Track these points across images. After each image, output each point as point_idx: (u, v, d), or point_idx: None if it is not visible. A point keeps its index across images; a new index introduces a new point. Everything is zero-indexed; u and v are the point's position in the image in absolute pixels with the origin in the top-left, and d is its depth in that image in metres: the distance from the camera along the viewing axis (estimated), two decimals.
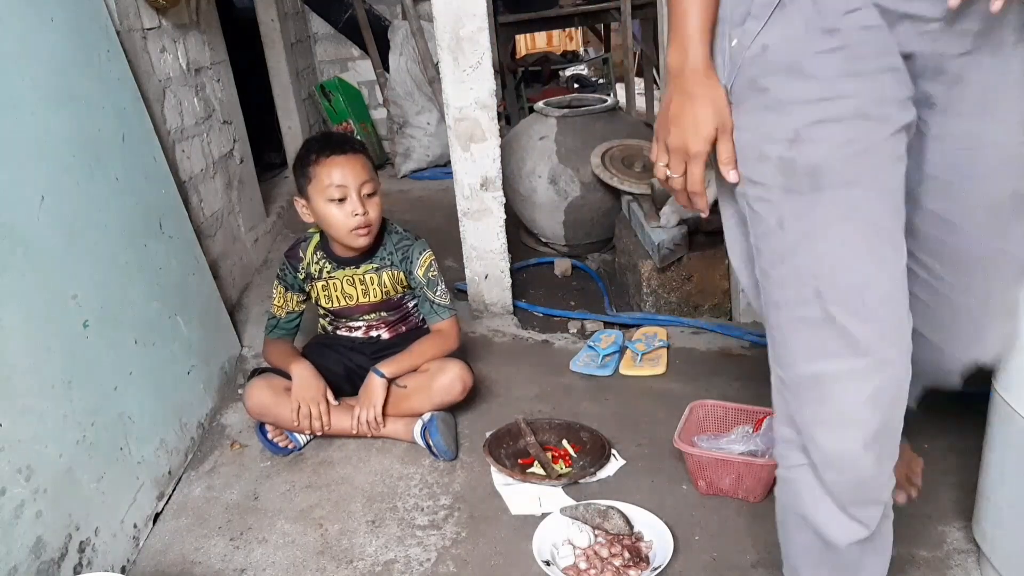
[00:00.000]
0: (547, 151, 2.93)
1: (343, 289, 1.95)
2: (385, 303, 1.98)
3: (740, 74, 0.94)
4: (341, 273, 1.94)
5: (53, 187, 1.57)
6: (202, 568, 1.55)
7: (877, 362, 0.92)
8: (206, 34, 2.76)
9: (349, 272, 1.94)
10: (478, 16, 2.16)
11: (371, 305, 1.97)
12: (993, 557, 1.28)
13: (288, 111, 4.38)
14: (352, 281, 1.94)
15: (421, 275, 1.94)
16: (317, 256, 1.95)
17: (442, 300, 1.96)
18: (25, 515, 1.30)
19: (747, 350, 2.20)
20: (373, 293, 1.95)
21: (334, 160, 1.81)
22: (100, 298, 1.65)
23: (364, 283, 1.94)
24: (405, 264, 1.94)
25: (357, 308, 1.98)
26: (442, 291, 1.97)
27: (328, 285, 1.95)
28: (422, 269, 1.94)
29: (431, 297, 1.95)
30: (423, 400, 1.89)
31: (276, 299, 2.02)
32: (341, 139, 1.89)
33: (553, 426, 1.87)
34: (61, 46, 1.72)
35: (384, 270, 1.93)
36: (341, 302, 1.96)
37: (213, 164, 2.67)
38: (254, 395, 1.87)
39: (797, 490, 1.02)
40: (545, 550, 1.47)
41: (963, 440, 1.68)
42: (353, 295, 1.95)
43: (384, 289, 1.95)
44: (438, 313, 1.96)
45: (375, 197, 1.85)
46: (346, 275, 1.94)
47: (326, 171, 1.80)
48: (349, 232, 1.83)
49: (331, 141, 1.86)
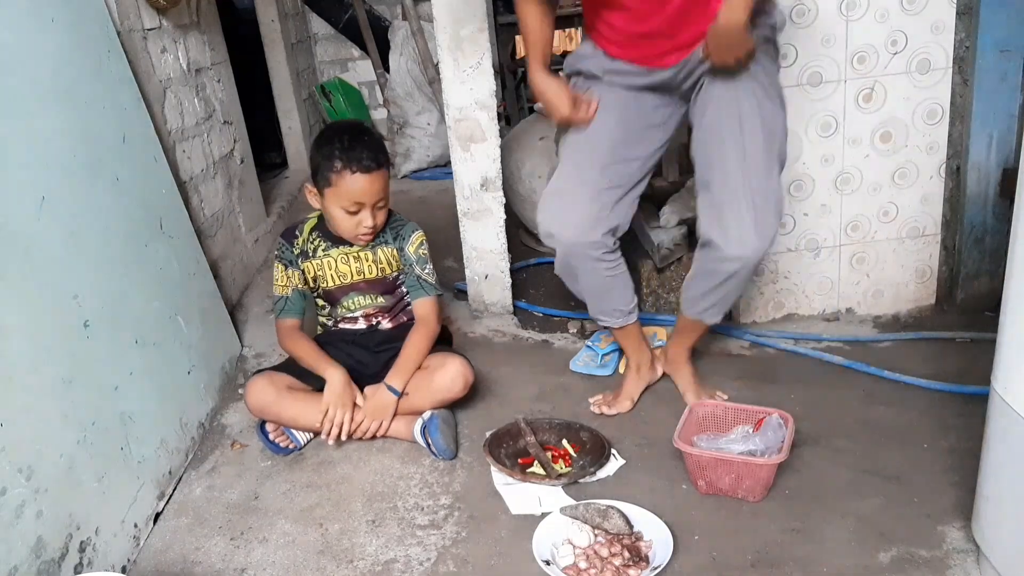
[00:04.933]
0: (547, 151, 2.93)
1: (337, 267, 1.97)
2: (380, 283, 1.99)
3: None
4: (336, 251, 1.97)
5: (53, 187, 1.57)
6: (202, 568, 1.55)
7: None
8: (206, 34, 2.76)
9: (344, 250, 1.96)
10: (478, 16, 2.17)
11: (366, 283, 1.98)
12: (993, 557, 1.28)
13: (288, 111, 4.38)
14: (347, 259, 1.96)
15: (412, 252, 1.97)
16: (313, 235, 1.99)
17: (429, 278, 2.00)
18: (26, 515, 1.30)
19: (747, 350, 2.21)
20: (368, 270, 1.97)
21: (359, 178, 1.82)
22: (100, 298, 1.65)
23: (359, 260, 1.96)
24: (398, 241, 1.98)
25: (352, 287, 1.98)
26: (431, 270, 2.01)
27: (323, 264, 1.97)
28: (413, 246, 1.97)
29: (419, 272, 1.98)
30: (424, 398, 1.89)
31: (279, 279, 2.02)
32: (367, 150, 1.84)
33: (553, 426, 1.87)
34: (61, 46, 1.72)
35: (379, 247, 1.97)
36: (336, 281, 1.97)
37: (213, 164, 2.67)
38: (255, 392, 1.87)
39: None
40: (545, 550, 1.47)
41: (963, 440, 1.68)
42: (347, 273, 1.97)
43: (380, 266, 1.97)
44: (423, 288, 1.98)
45: (386, 207, 1.92)
46: (340, 253, 1.97)
47: (347, 186, 1.83)
48: (354, 236, 1.91)
49: (358, 151, 1.82)
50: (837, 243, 2.24)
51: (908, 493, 1.57)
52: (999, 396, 1.21)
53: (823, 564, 1.40)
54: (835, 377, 2.02)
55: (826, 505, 1.55)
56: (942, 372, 1.96)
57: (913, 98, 2.11)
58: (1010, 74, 2.06)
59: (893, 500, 1.55)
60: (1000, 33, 2.02)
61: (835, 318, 2.32)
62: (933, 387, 1.91)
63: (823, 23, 2.03)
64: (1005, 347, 1.20)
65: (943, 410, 1.83)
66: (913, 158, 2.17)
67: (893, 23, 2.04)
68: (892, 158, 2.17)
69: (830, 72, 2.08)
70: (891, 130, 2.14)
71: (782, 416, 1.65)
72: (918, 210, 2.23)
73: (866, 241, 2.25)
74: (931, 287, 2.32)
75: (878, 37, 2.05)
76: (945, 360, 2.03)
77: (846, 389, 1.95)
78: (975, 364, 1.96)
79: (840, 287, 2.30)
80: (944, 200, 2.22)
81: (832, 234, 2.23)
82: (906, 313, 2.32)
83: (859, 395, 1.93)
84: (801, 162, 2.16)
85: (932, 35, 2.05)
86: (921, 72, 2.09)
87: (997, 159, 2.14)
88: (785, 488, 1.61)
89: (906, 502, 1.54)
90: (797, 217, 2.21)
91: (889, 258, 2.27)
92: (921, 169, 2.18)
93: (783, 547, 1.45)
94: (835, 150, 2.15)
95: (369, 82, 4.91)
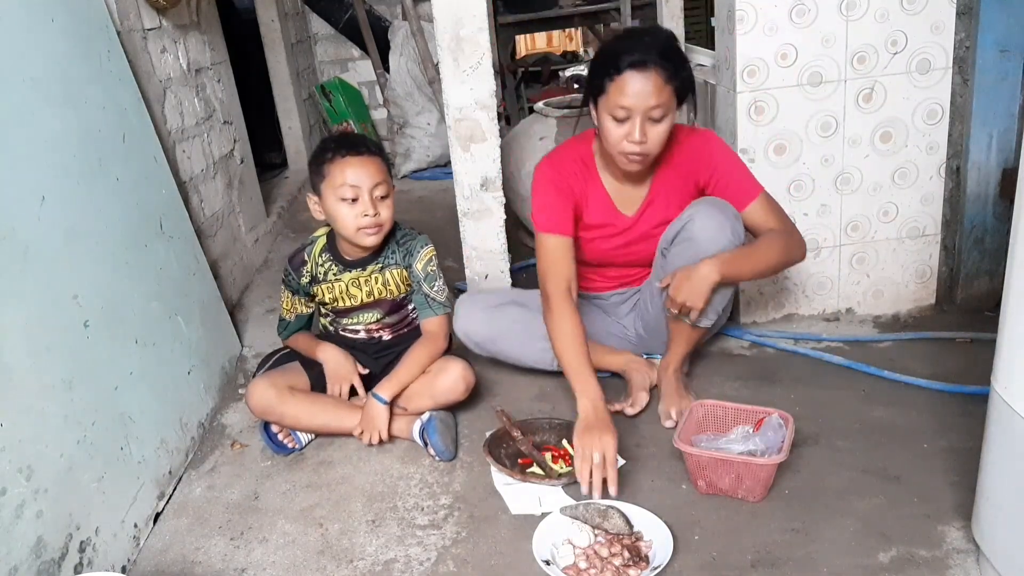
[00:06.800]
0: (547, 151, 2.93)
1: (348, 291, 1.95)
2: (389, 303, 1.98)
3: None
4: (348, 276, 1.94)
5: (54, 187, 1.57)
6: (202, 568, 1.55)
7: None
8: (206, 34, 2.76)
9: (355, 274, 1.94)
10: (478, 16, 2.16)
11: (375, 302, 1.97)
12: (993, 557, 1.28)
13: (288, 111, 4.39)
14: (357, 283, 1.94)
15: (420, 268, 1.94)
16: (323, 258, 1.95)
17: (438, 296, 1.96)
18: (26, 515, 1.30)
19: (747, 350, 2.21)
20: (378, 292, 1.95)
21: (349, 160, 1.81)
22: (101, 298, 1.65)
23: (369, 284, 1.95)
24: (407, 259, 1.94)
25: (361, 307, 1.98)
26: (439, 287, 1.97)
27: (333, 287, 1.95)
28: (421, 263, 1.94)
29: (427, 291, 1.95)
30: (426, 400, 1.89)
31: (284, 303, 2.04)
32: (358, 140, 1.89)
33: (553, 426, 1.87)
34: (61, 46, 1.72)
35: (388, 269, 1.94)
36: (345, 302, 1.96)
37: (213, 164, 2.67)
38: (256, 394, 1.87)
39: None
40: (545, 550, 1.47)
41: (963, 440, 1.68)
42: (357, 296, 1.96)
43: (388, 288, 1.95)
44: (431, 307, 1.96)
45: (388, 200, 1.86)
46: (352, 277, 1.94)
47: (340, 170, 1.81)
48: (357, 231, 1.83)
49: (348, 141, 1.86)
50: (837, 243, 2.24)
51: (908, 493, 1.57)
52: (999, 396, 1.21)
53: (823, 564, 1.40)
54: (835, 377, 2.02)
55: (826, 505, 1.55)
56: (942, 372, 1.96)
57: (913, 98, 2.11)
58: (1010, 74, 2.06)
59: (893, 500, 1.55)
60: (1000, 33, 2.02)
61: (835, 318, 2.32)
62: (933, 387, 1.91)
63: (823, 23, 2.03)
64: (1005, 347, 1.20)
65: (943, 410, 1.83)
66: (913, 158, 2.17)
67: (893, 23, 2.04)
68: (892, 158, 2.17)
69: (830, 72, 2.08)
70: (891, 130, 2.14)
71: (782, 416, 1.65)
72: (918, 210, 2.23)
73: (866, 241, 2.25)
74: (931, 287, 2.32)
75: (878, 37, 2.05)
76: (945, 360, 2.03)
77: (846, 389, 1.95)
78: (975, 364, 1.96)
79: (840, 287, 2.30)
80: (944, 200, 2.22)
81: (832, 234, 2.23)
82: (906, 313, 2.32)
83: (859, 395, 1.93)
84: (801, 162, 2.16)
85: (932, 35, 2.05)
86: (921, 72, 2.09)
87: (997, 159, 2.14)
88: (785, 488, 1.61)
89: (906, 502, 1.54)
90: (797, 217, 2.21)
91: (889, 258, 2.27)
92: (921, 169, 2.18)
93: (783, 547, 1.45)
94: (835, 150, 2.15)
95: (369, 82, 4.91)
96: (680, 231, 1.79)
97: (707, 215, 1.75)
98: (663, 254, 1.87)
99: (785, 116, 2.11)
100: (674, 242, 1.82)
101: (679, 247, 1.80)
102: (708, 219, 1.75)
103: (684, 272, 1.74)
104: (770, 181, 1.98)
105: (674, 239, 1.82)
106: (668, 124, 1.71)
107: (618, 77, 1.66)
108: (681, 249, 1.79)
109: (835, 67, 2.07)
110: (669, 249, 1.84)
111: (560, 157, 1.94)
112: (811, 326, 2.30)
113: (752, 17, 2.02)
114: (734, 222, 1.76)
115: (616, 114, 1.68)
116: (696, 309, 1.75)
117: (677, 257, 1.80)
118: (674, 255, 1.81)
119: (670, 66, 1.65)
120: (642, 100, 1.65)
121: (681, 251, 1.79)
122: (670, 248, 1.83)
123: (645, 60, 1.64)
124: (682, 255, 1.78)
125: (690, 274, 1.73)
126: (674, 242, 1.82)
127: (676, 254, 1.81)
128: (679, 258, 1.79)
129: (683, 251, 1.78)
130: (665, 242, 1.86)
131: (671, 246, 1.83)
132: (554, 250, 1.84)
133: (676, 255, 1.81)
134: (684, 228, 1.78)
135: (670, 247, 1.84)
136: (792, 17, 2.02)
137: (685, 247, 1.78)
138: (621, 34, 1.83)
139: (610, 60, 1.68)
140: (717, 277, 1.72)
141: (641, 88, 1.65)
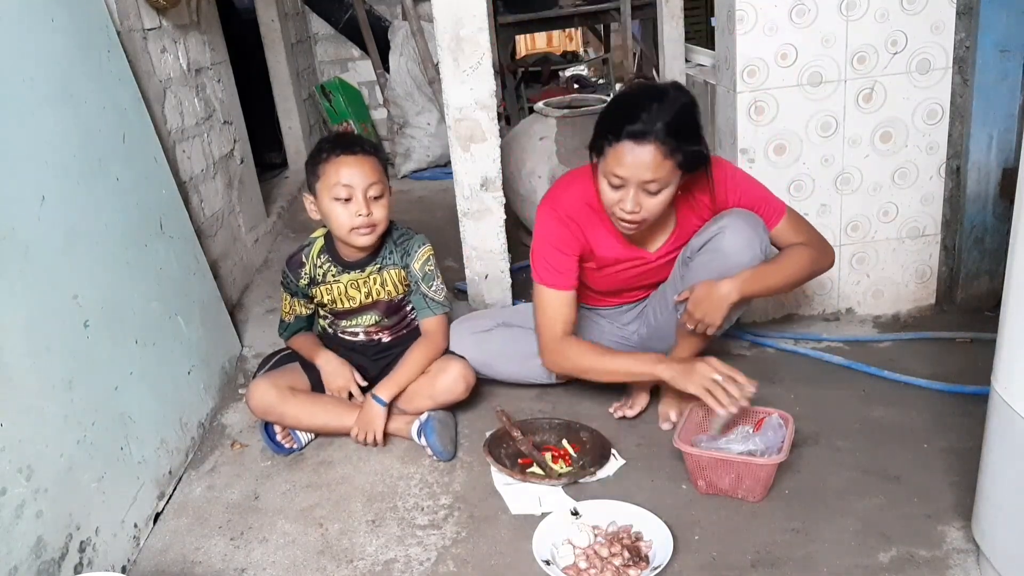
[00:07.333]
0: (547, 151, 2.93)
1: (347, 292, 1.95)
2: (387, 304, 1.98)
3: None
4: (346, 277, 1.94)
5: (53, 187, 1.57)
6: (202, 568, 1.55)
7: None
8: (206, 34, 2.76)
9: (354, 276, 1.93)
10: (478, 16, 2.16)
11: (373, 304, 1.97)
12: (993, 557, 1.28)
13: (288, 111, 4.38)
14: (356, 285, 1.94)
15: (417, 268, 1.94)
16: (321, 260, 1.95)
17: (436, 296, 1.96)
18: (26, 515, 1.30)
19: (747, 350, 2.21)
20: (376, 293, 1.95)
21: (343, 160, 1.81)
22: (101, 298, 1.65)
23: (368, 285, 1.94)
24: (405, 259, 1.94)
25: (359, 310, 1.98)
26: (437, 287, 1.97)
27: (332, 289, 1.95)
28: (419, 262, 1.94)
29: (425, 291, 1.95)
30: (426, 400, 1.90)
31: (284, 305, 2.04)
32: (354, 140, 1.88)
33: (553, 426, 1.87)
34: (61, 46, 1.72)
35: (386, 269, 1.93)
36: (344, 304, 1.96)
37: (213, 164, 2.67)
38: (257, 395, 1.87)
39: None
40: (545, 550, 1.47)
41: (963, 440, 1.68)
42: (356, 297, 1.95)
43: (386, 289, 1.95)
44: (430, 307, 1.96)
45: (382, 200, 1.85)
46: (351, 279, 1.94)
47: (334, 169, 1.81)
48: (350, 231, 1.82)
49: (343, 141, 1.86)
50: (837, 243, 2.24)
51: (908, 493, 1.57)
52: (999, 396, 1.21)
53: (823, 564, 1.40)
54: (835, 377, 2.02)
55: (826, 505, 1.55)
56: (942, 372, 1.96)
57: (913, 98, 2.11)
58: (1010, 74, 2.06)
59: (893, 500, 1.55)
60: (1000, 33, 2.02)
61: (835, 318, 2.32)
62: (933, 387, 1.91)
63: (823, 23, 2.03)
64: (1005, 347, 1.20)
65: (943, 410, 1.83)
66: (913, 158, 2.17)
67: (893, 23, 2.04)
68: (892, 158, 2.17)
69: (830, 72, 2.08)
70: (891, 130, 2.14)
71: (782, 416, 1.65)
72: (918, 210, 2.23)
73: (866, 241, 2.25)
74: (931, 287, 2.32)
75: (878, 37, 2.05)
76: (945, 360, 2.03)
77: (846, 389, 1.95)
78: (975, 364, 1.96)
79: (840, 287, 2.30)
80: (944, 200, 2.22)
81: (832, 234, 2.23)
82: (906, 313, 2.32)
83: (859, 395, 1.93)
84: (801, 162, 2.16)
85: (932, 35, 2.05)
86: (921, 72, 2.09)
87: (997, 159, 2.14)
88: (785, 488, 1.61)
89: (906, 502, 1.54)
90: None
91: (889, 258, 2.27)
92: (921, 169, 2.18)
93: (783, 547, 1.45)
94: (835, 150, 2.15)
95: (369, 82, 4.91)
96: (709, 241, 1.73)
97: (738, 229, 1.70)
98: (686, 262, 1.82)
99: (785, 116, 2.11)
100: (701, 251, 1.76)
101: (705, 256, 1.75)
102: (738, 234, 1.70)
103: (704, 289, 1.71)
104: (770, 181, 1.98)
105: (701, 248, 1.76)
106: (666, 196, 1.64)
107: (616, 144, 1.59)
108: (707, 259, 1.74)
109: (835, 67, 2.07)
110: (694, 257, 1.78)
111: (562, 202, 1.81)
112: (811, 326, 2.30)
113: (752, 17, 2.02)
114: (763, 237, 1.72)
115: (611, 180, 1.63)
116: (714, 326, 1.73)
117: (702, 267, 1.75)
118: (699, 264, 1.76)
119: (672, 142, 1.56)
120: (637, 173, 1.58)
121: (706, 261, 1.74)
122: (695, 256, 1.78)
123: (645, 133, 1.55)
124: (707, 265, 1.73)
125: (710, 292, 1.70)
126: (701, 251, 1.76)
127: (701, 263, 1.75)
128: (704, 268, 1.74)
129: (708, 261, 1.73)
130: (691, 250, 1.79)
131: (697, 254, 1.77)
132: (552, 302, 1.80)
133: (701, 264, 1.75)
134: (713, 239, 1.72)
135: (696, 255, 1.77)
136: (792, 17, 2.02)
137: (711, 258, 1.73)
138: (635, 91, 1.73)
139: (612, 123, 1.61)
140: (737, 297, 1.69)
141: (637, 161, 1.57)
